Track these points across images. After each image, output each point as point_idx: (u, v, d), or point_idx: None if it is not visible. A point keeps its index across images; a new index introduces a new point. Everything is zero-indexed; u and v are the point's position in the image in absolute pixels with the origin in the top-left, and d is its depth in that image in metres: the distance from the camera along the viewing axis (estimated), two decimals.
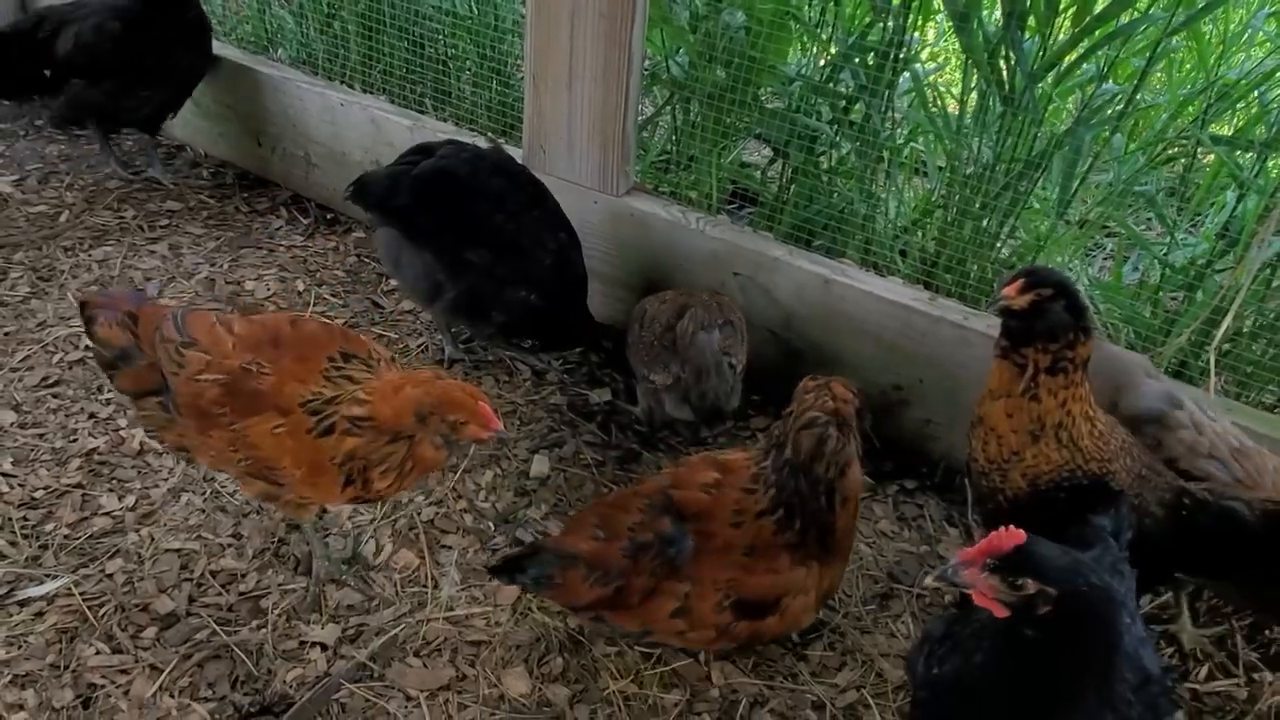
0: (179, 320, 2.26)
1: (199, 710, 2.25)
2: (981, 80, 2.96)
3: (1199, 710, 2.53)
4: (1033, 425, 2.17)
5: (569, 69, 3.23)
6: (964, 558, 1.52)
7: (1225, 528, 2.14)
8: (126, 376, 2.30)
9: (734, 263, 3.26)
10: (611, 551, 2.15)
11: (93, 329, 2.29)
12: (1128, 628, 1.73)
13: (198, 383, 2.18)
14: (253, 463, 2.22)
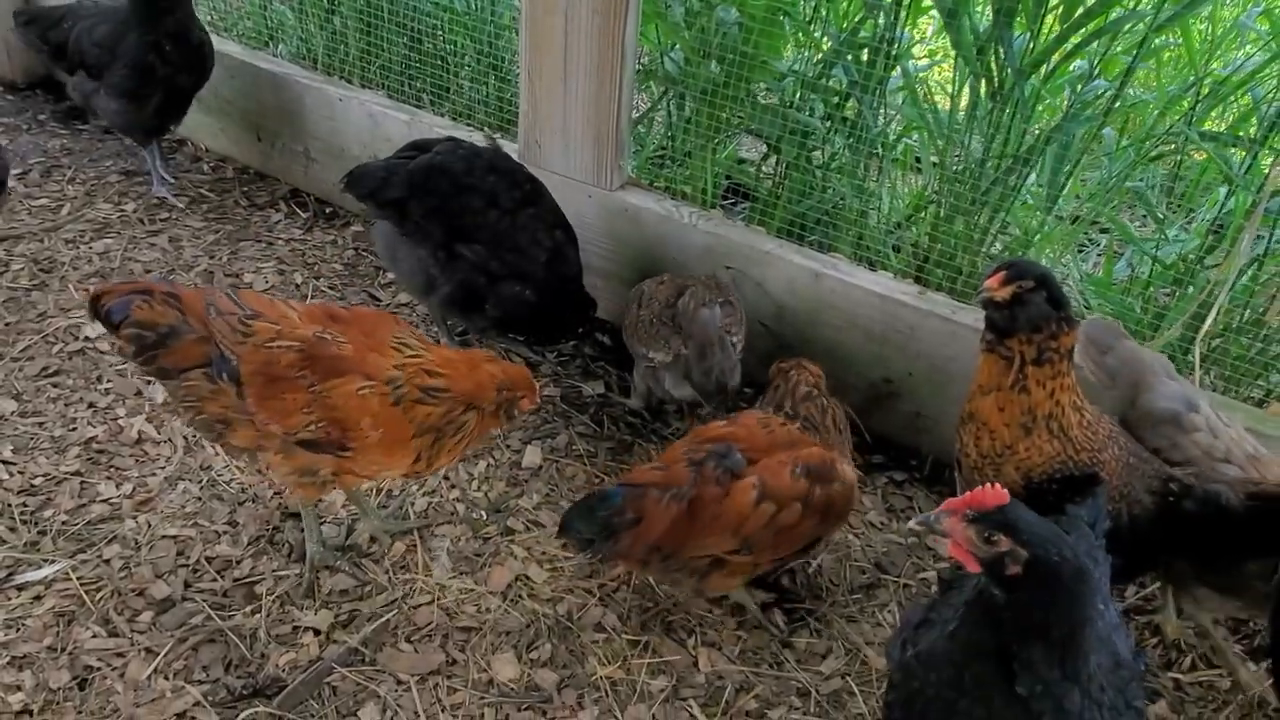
0: (234, 296, 2.38)
1: (193, 692, 2.28)
2: (971, 76, 2.99)
3: (1181, 700, 2.56)
4: (1024, 418, 2.20)
5: (564, 64, 3.26)
6: (947, 506, 1.57)
7: (1209, 511, 2.17)
8: (175, 353, 2.32)
9: (726, 256, 3.29)
10: (676, 470, 2.35)
11: (127, 314, 2.29)
12: (1101, 613, 1.76)
13: (270, 349, 2.29)
14: (326, 425, 2.30)
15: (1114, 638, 1.72)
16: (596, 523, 2.29)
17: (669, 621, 2.59)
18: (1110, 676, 1.63)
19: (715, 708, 2.38)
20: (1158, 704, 2.54)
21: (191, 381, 2.33)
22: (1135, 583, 2.84)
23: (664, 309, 2.94)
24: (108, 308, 2.32)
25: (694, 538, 2.32)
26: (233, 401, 2.31)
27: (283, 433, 2.32)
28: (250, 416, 2.32)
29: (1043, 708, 1.56)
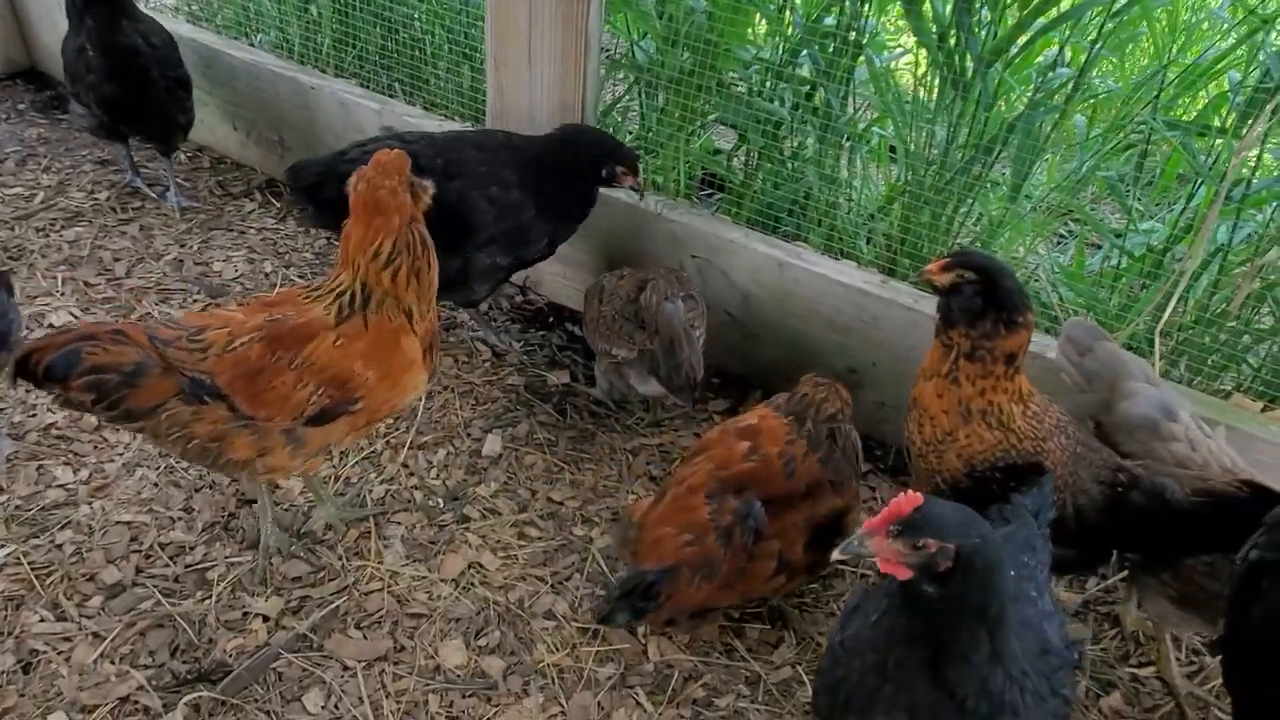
0: (167, 322, 2.35)
1: (137, 677, 2.28)
2: (933, 65, 2.96)
3: (1136, 692, 2.55)
4: (960, 407, 2.19)
5: (529, 52, 3.25)
6: (868, 527, 1.54)
7: (1155, 503, 2.14)
8: (143, 391, 2.22)
9: (692, 245, 3.28)
10: (708, 547, 2.25)
11: (77, 363, 2.15)
12: (1034, 600, 1.75)
13: (235, 351, 2.27)
14: (326, 387, 2.31)
15: (1044, 625, 1.71)
16: (636, 613, 2.25)
17: None
18: (1036, 661, 1.62)
19: (662, 695, 2.37)
20: (1111, 696, 2.52)
21: (171, 412, 2.26)
22: (1096, 574, 2.82)
23: (626, 304, 2.92)
24: (47, 363, 2.15)
25: (712, 602, 2.34)
26: (222, 416, 2.28)
27: (289, 421, 2.31)
28: (249, 423, 2.30)
29: (967, 690, 1.55)
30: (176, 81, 3.82)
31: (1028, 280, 3.50)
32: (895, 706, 1.60)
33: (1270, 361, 2.92)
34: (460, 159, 3.11)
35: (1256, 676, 1.94)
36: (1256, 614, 1.92)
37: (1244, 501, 2.05)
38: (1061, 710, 1.64)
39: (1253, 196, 2.86)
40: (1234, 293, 2.83)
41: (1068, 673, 1.69)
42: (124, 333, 2.25)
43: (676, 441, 3.18)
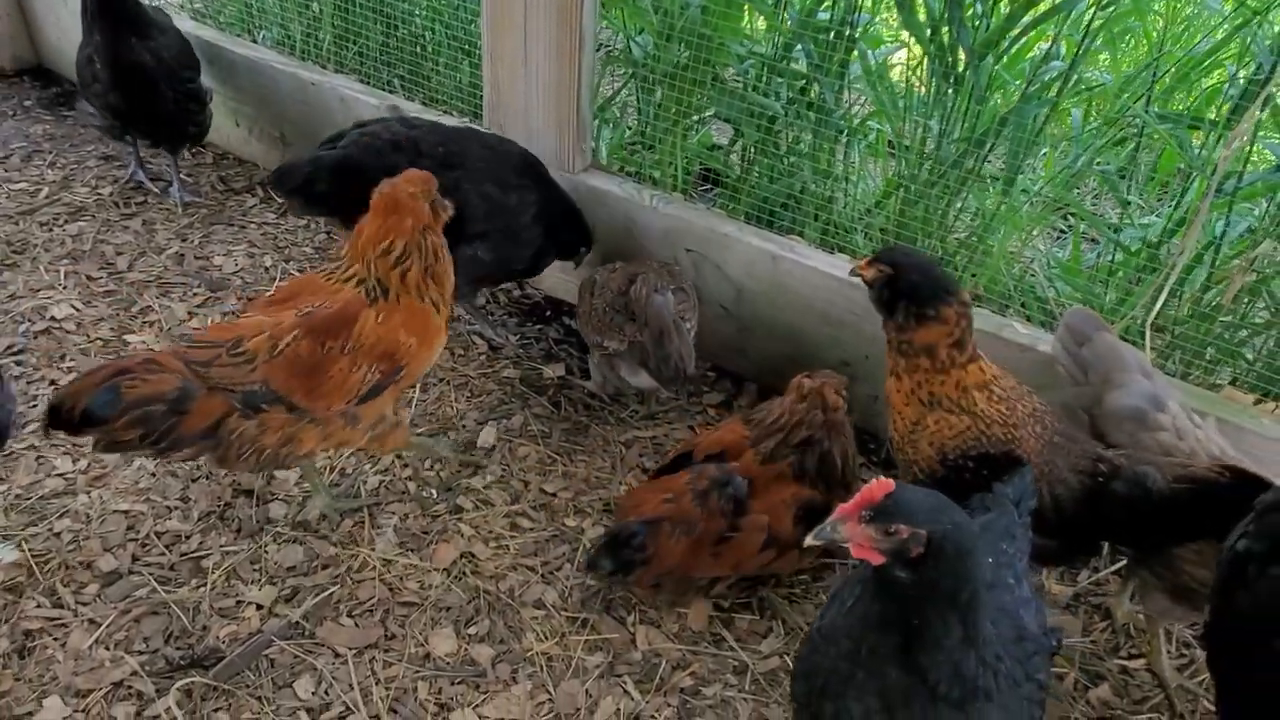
0: (195, 341, 2.34)
1: (131, 662, 2.31)
2: (926, 58, 2.97)
3: (1126, 684, 2.55)
4: (914, 398, 2.22)
5: (524, 48, 3.27)
6: (840, 513, 1.55)
7: (1137, 491, 2.15)
8: (194, 416, 2.22)
9: (686, 239, 3.29)
10: (685, 506, 2.42)
11: (117, 400, 2.12)
12: (1011, 588, 1.76)
13: (284, 354, 2.28)
14: (377, 363, 2.39)
15: (1021, 611, 1.72)
16: (620, 561, 2.39)
17: (610, 600, 2.60)
18: (1011, 647, 1.63)
19: (649, 684, 2.39)
20: (1100, 688, 2.53)
21: (238, 430, 2.28)
22: (1082, 566, 2.83)
23: (616, 297, 2.94)
24: (84, 407, 2.10)
25: (699, 567, 2.44)
26: (284, 419, 2.32)
27: (344, 404, 2.38)
28: (310, 417, 2.36)
29: (939, 676, 1.56)
30: (186, 95, 3.82)
31: (1023, 275, 3.50)
32: (867, 692, 1.61)
33: (1266, 356, 2.92)
34: (463, 151, 3.15)
35: (1241, 664, 1.95)
36: (1243, 601, 1.93)
37: (1225, 487, 2.05)
38: (1036, 695, 1.64)
39: (1245, 190, 2.86)
40: (1227, 286, 2.83)
41: (1044, 658, 1.70)
42: (157, 361, 2.22)
43: (670, 434, 3.19)
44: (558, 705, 2.31)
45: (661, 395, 3.29)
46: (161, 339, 3.33)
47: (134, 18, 3.66)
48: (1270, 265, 2.98)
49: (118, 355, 2.33)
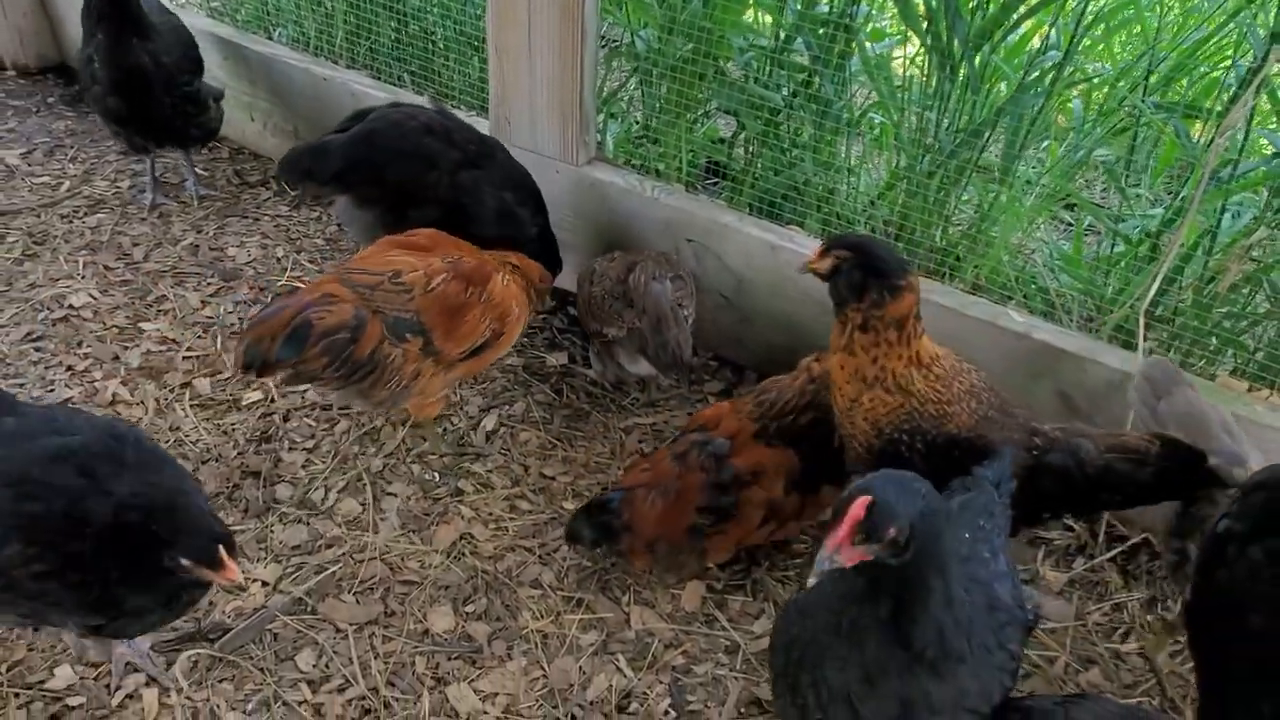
0: (359, 268, 2.58)
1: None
2: (922, 49, 2.99)
3: (1117, 668, 2.57)
4: (858, 375, 2.27)
5: (528, 42, 3.32)
6: (835, 544, 1.51)
7: (1072, 461, 2.21)
8: (364, 341, 2.45)
9: (687, 229, 3.34)
10: (661, 468, 2.52)
11: (310, 331, 2.36)
12: (987, 561, 1.80)
13: (437, 291, 2.57)
14: (495, 322, 2.71)
15: (995, 584, 1.75)
16: (597, 527, 2.48)
17: (605, 580, 2.65)
18: (983, 615, 1.67)
19: (642, 662, 2.44)
20: (1090, 671, 2.55)
21: (389, 356, 2.49)
22: (1083, 554, 2.85)
23: (615, 285, 2.98)
24: (283, 340, 2.33)
25: (706, 540, 2.52)
26: (417, 353, 2.55)
27: (461, 352, 2.64)
28: (434, 357, 2.58)
29: (926, 639, 1.59)
30: (183, 98, 3.84)
31: (1024, 266, 3.51)
32: (848, 663, 1.65)
33: (1267, 345, 2.92)
34: (489, 155, 3.24)
35: (1220, 642, 1.98)
36: (1222, 579, 1.96)
37: (1156, 455, 2.16)
38: (1008, 665, 1.68)
39: (1246, 179, 2.86)
40: (1223, 275, 2.84)
41: (1016, 629, 1.73)
42: (332, 292, 2.46)
43: (670, 421, 3.24)
44: (551, 681, 2.37)
45: (661, 382, 3.34)
46: (175, 327, 3.41)
47: (136, 19, 3.69)
48: (1271, 254, 2.99)
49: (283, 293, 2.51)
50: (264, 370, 2.39)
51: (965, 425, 2.20)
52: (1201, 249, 2.92)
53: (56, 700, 2.25)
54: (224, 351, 3.33)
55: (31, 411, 2.13)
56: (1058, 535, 2.92)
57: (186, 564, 1.89)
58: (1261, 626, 1.84)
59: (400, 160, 3.09)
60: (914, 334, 2.19)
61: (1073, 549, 2.89)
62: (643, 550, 2.52)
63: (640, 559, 2.58)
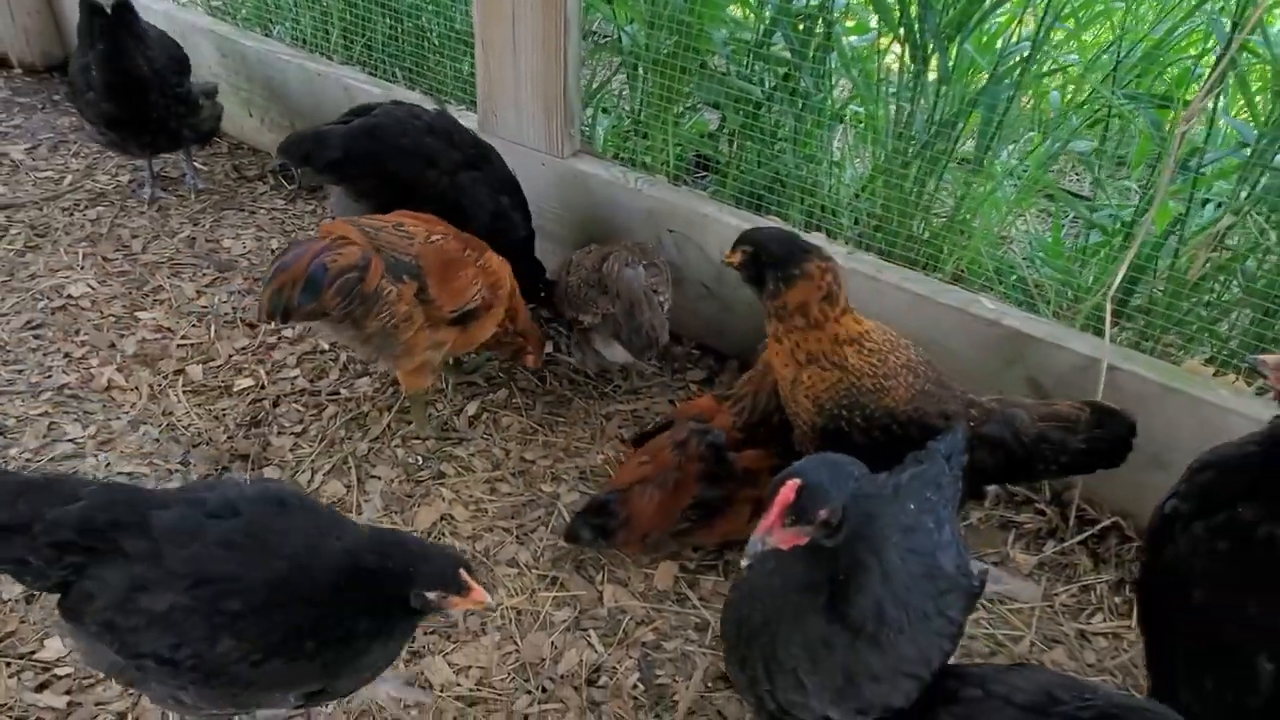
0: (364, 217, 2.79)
1: None
2: (895, 41, 3.05)
3: (1082, 647, 2.61)
4: (790, 359, 2.36)
5: (513, 36, 3.39)
6: (765, 528, 1.55)
7: (1007, 431, 2.30)
8: (370, 277, 2.60)
9: (669, 219, 3.40)
10: (662, 460, 2.61)
11: (325, 272, 2.50)
12: (931, 531, 1.85)
13: (436, 243, 2.79)
14: (486, 290, 2.89)
15: (938, 553, 1.80)
16: (595, 529, 2.57)
17: (581, 560, 2.72)
18: (922, 583, 1.72)
19: (613, 638, 2.50)
20: (1054, 650, 2.60)
21: (386, 292, 2.64)
22: (1053, 536, 2.89)
23: (590, 273, 3.06)
24: (301, 287, 2.47)
25: (694, 534, 2.64)
26: (411, 298, 2.70)
27: (450, 311, 2.77)
28: (426, 306, 2.73)
29: (865, 614, 1.64)
30: (175, 99, 3.91)
31: (1004, 256, 3.56)
32: (793, 641, 1.70)
33: (1239, 334, 2.96)
34: (487, 158, 3.33)
35: (1165, 616, 2.03)
36: (1168, 555, 2.01)
37: (1086, 423, 2.28)
38: (947, 630, 1.73)
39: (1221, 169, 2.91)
40: (1191, 262, 2.88)
41: (958, 596, 1.78)
42: (344, 235, 2.63)
43: (651, 408, 3.30)
44: (523, 655, 2.44)
45: (645, 370, 3.40)
46: (171, 316, 3.50)
47: (135, 29, 3.77)
48: (1244, 244, 3.02)
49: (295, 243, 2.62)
50: (287, 316, 2.53)
51: (903, 399, 2.26)
52: (1173, 238, 2.96)
53: (45, 670, 2.33)
54: (217, 340, 3.42)
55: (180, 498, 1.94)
56: (1028, 519, 2.97)
57: (432, 597, 1.78)
58: (1203, 601, 1.89)
59: (401, 156, 3.17)
60: (825, 317, 2.27)
61: (1043, 532, 2.94)
62: (637, 542, 2.61)
63: (634, 550, 2.68)
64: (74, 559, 1.81)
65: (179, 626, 1.76)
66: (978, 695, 1.69)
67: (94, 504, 1.84)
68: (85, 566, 1.82)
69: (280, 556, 1.81)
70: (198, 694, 1.85)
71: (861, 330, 2.30)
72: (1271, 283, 2.81)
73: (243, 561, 1.80)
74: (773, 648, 1.70)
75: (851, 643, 1.67)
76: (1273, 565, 1.78)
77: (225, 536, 1.82)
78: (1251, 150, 2.69)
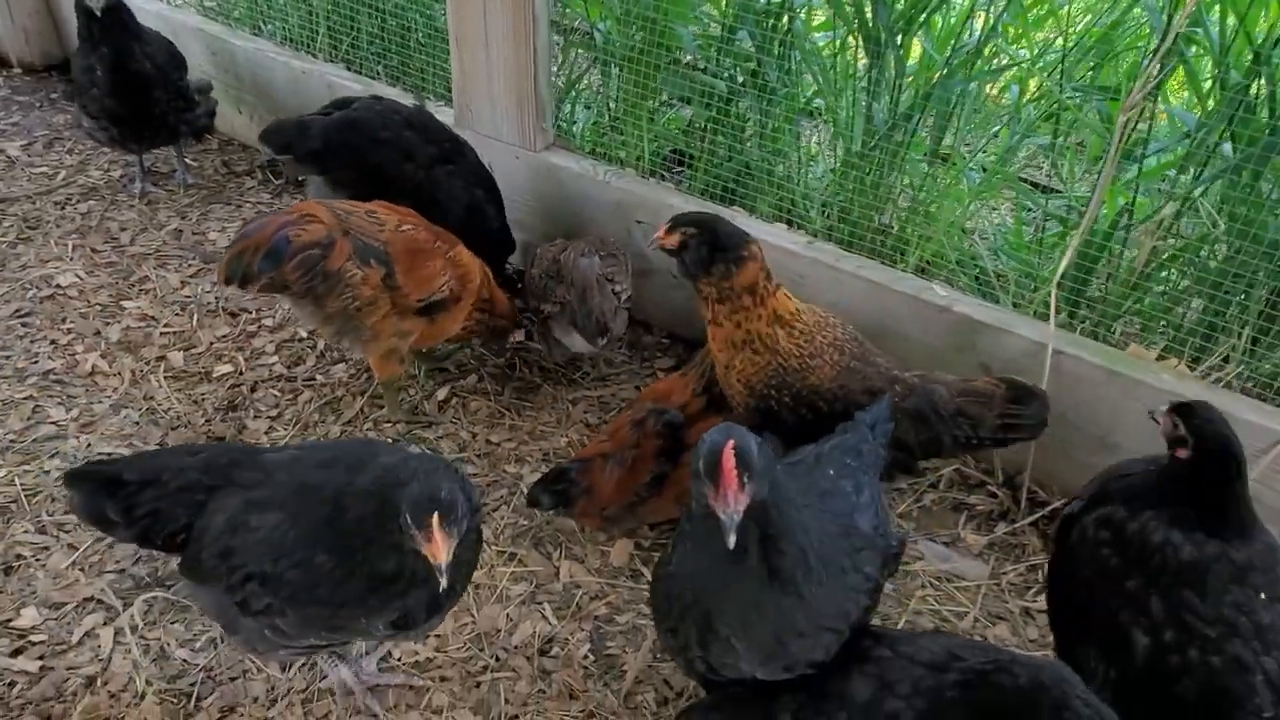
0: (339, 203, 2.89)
1: (100, 582, 2.58)
2: (849, 35, 3.13)
3: (1025, 624, 2.69)
4: (727, 342, 2.44)
5: (484, 32, 3.49)
6: (732, 496, 1.55)
7: (926, 404, 2.41)
8: (336, 255, 2.69)
9: (636, 210, 3.49)
10: (620, 437, 2.70)
11: (287, 246, 2.61)
12: (849, 495, 1.95)
13: (405, 232, 2.88)
14: (453, 282, 2.96)
15: (855, 515, 1.89)
16: (556, 495, 2.66)
17: (540, 537, 2.81)
18: (838, 541, 1.81)
19: (567, 611, 2.59)
20: (998, 626, 2.67)
21: (349, 274, 2.72)
22: (1005, 517, 2.96)
23: (550, 264, 3.16)
24: (263, 255, 2.59)
25: (646, 506, 2.70)
26: (378, 283, 2.77)
27: (417, 301, 2.83)
28: (393, 292, 2.80)
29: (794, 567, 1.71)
30: (176, 93, 4.04)
31: (968, 247, 3.63)
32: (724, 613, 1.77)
33: (1191, 323, 3.02)
34: (463, 153, 3.44)
35: (1062, 596, 2.15)
36: (1065, 544, 2.15)
37: (1000, 397, 2.43)
38: (862, 585, 1.82)
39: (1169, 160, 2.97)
40: (1138, 250, 2.95)
41: (874, 554, 1.86)
42: (311, 213, 2.71)
43: (617, 394, 3.39)
44: (479, 626, 2.53)
45: (614, 359, 3.49)
46: (155, 305, 3.62)
47: (132, 28, 3.89)
48: (1196, 232, 3.09)
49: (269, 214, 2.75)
50: (245, 282, 2.64)
51: (828, 377, 2.35)
52: (1120, 226, 3.03)
53: (21, 637, 2.44)
54: (199, 328, 3.53)
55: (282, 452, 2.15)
56: (981, 500, 3.04)
57: (411, 530, 1.70)
58: (1089, 579, 2.03)
59: (379, 148, 3.28)
60: (767, 293, 2.36)
61: (995, 514, 3.01)
62: (596, 515, 2.70)
63: (593, 522, 2.76)
64: (198, 497, 2.02)
65: (281, 542, 1.91)
66: (887, 655, 1.78)
67: (214, 452, 2.12)
68: (205, 503, 2.02)
69: (359, 478, 1.90)
70: (295, 618, 1.95)
71: (793, 310, 2.40)
72: (1223, 271, 2.88)
73: (329, 478, 1.95)
74: (707, 620, 1.77)
75: (779, 602, 1.74)
76: (1142, 554, 1.95)
77: (320, 459, 2.03)
78: (1191, 138, 2.76)
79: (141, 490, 2.03)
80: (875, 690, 1.73)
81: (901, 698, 1.69)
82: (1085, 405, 2.86)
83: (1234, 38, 2.70)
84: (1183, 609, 1.86)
